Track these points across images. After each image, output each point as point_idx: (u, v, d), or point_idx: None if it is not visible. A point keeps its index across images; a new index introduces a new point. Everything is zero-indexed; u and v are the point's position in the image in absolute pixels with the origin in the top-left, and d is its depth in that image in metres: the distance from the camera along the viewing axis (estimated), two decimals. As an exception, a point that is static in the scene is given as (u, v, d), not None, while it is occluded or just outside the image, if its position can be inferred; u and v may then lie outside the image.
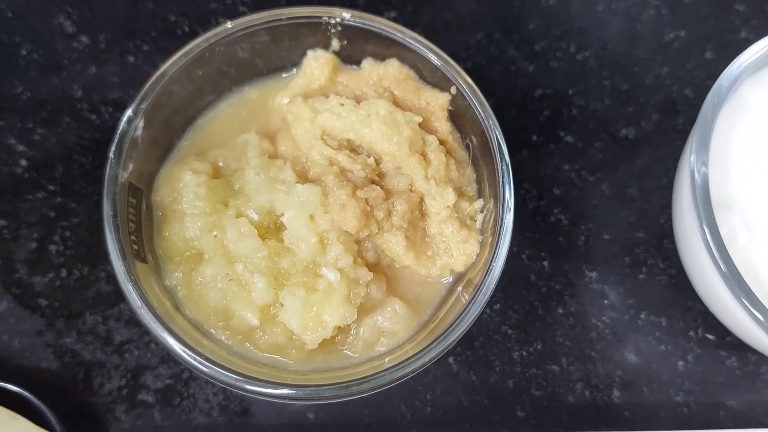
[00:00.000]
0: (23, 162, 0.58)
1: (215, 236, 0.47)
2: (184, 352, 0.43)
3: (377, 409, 0.54)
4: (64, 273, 0.56)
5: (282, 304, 0.45)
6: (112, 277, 0.55)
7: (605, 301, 0.57)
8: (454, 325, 0.45)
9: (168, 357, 0.54)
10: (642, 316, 0.57)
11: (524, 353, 0.56)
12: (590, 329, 0.56)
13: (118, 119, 0.56)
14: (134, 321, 0.55)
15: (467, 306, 0.45)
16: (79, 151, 0.58)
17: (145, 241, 0.47)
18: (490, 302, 0.56)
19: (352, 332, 0.48)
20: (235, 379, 0.42)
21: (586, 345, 0.56)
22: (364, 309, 0.47)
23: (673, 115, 0.62)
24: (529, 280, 0.57)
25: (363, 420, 0.54)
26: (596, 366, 0.56)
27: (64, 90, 0.60)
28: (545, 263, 0.58)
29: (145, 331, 0.55)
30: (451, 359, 0.56)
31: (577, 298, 0.57)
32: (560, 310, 0.57)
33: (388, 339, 0.48)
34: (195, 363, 0.42)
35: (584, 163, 0.61)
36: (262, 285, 0.46)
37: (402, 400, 0.54)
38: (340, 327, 0.47)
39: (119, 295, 0.55)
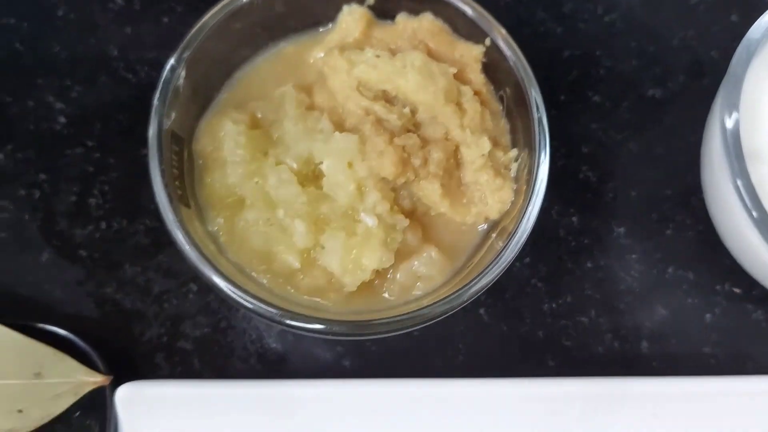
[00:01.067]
0: (62, 119, 0.59)
1: (256, 183, 0.48)
2: (230, 290, 0.44)
3: (410, 357, 0.55)
4: (103, 225, 0.57)
5: (323, 247, 0.47)
6: (150, 230, 0.56)
7: (633, 256, 0.58)
8: (489, 269, 0.46)
9: (206, 306, 0.56)
10: (669, 270, 0.58)
11: (554, 305, 0.57)
12: (619, 282, 0.57)
13: (153, 78, 0.58)
14: (172, 272, 0.56)
15: (501, 252, 0.46)
16: (115, 108, 0.59)
17: (187, 188, 0.49)
18: (520, 256, 0.57)
19: (389, 276, 0.49)
20: (279, 314, 0.43)
21: (614, 298, 0.57)
22: (401, 255, 0.49)
23: (698, 77, 0.63)
24: (558, 235, 0.58)
25: (396, 368, 0.55)
26: (625, 318, 0.57)
27: (100, 50, 0.61)
28: (574, 219, 0.59)
29: (183, 282, 0.56)
30: (482, 310, 0.57)
31: (606, 252, 0.58)
32: (589, 264, 0.58)
33: (424, 283, 0.49)
34: (241, 300, 0.43)
35: (612, 122, 0.61)
36: (302, 229, 0.47)
37: (434, 350, 0.56)
38: (377, 271, 0.48)
39: (158, 247, 0.57)
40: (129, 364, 0.54)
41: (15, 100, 0.59)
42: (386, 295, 0.49)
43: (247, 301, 0.43)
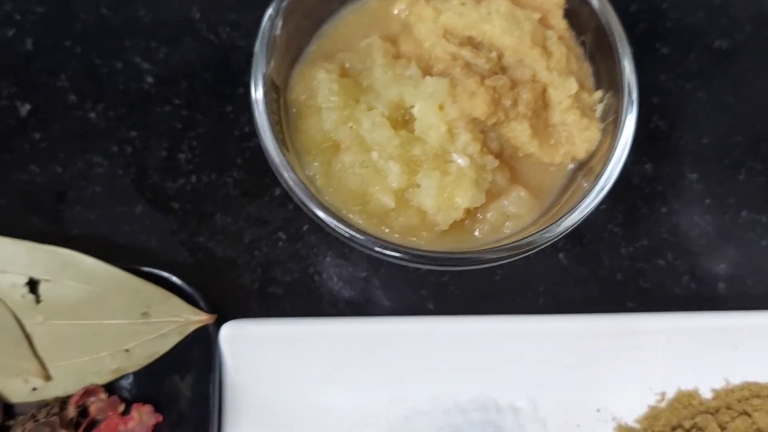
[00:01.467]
0: (149, 79, 0.61)
1: (351, 127, 0.50)
2: (335, 224, 0.46)
3: (491, 301, 0.57)
4: (193, 179, 0.59)
5: (418, 185, 0.49)
6: (238, 182, 0.59)
7: (707, 201, 0.59)
8: (577, 207, 0.48)
9: (295, 254, 0.58)
10: (743, 214, 0.59)
11: (631, 249, 0.58)
12: (693, 227, 0.59)
13: (234, 39, 0.61)
14: (262, 221, 0.59)
15: (588, 191, 0.48)
16: (200, 68, 0.62)
17: (285, 135, 0.51)
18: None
19: (479, 216, 0.51)
20: (378, 243, 0.45)
21: (690, 241, 0.59)
22: (490, 195, 0.50)
23: (765, 27, 0.64)
24: (633, 182, 0.60)
25: (477, 311, 0.57)
26: (700, 260, 0.58)
27: (182, 12, 0.63)
28: (647, 167, 0.60)
29: (273, 230, 0.58)
30: (561, 255, 0.58)
31: (679, 198, 0.59)
32: (663, 210, 0.59)
33: (513, 222, 0.51)
34: (345, 231, 0.46)
35: (680, 73, 0.63)
36: (396, 170, 0.49)
37: (515, 293, 0.57)
38: (468, 210, 0.50)
39: (246, 198, 0.59)
40: (222, 310, 0.56)
41: (104, 62, 0.61)
42: (477, 233, 0.51)
43: (349, 231, 0.45)
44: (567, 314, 0.53)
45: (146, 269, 0.53)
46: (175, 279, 0.53)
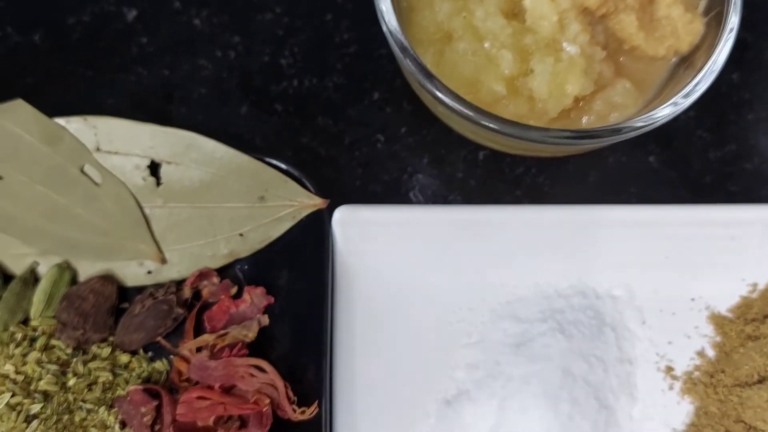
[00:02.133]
0: (250, -12, 0.63)
1: (464, 17, 0.52)
2: (451, 100, 0.48)
3: (585, 201, 0.59)
4: (295, 83, 0.61)
5: (532, 71, 0.51)
6: (339, 87, 0.61)
7: (792, 109, 0.61)
8: (677, 96, 0.50)
9: (393, 155, 0.60)
10: (829, 122, 0.61)
11: (719, 153, 0.60)
12: (781, 133, 0.61)
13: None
14: (362, 123, 0.61)
15: (690, 82, 0.50)
16: (299, -22, 0.64)
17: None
18: (686, 109, 0.61)
19: (586, 105, 0.52)
20: (496, 120, 0.47)
21: (777, 146, 0.60)
22: (597, 85, 0.52)
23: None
24: (720, 90, 0.62)
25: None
26: (787, 165, 0.60)
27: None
28: (734, 76, 0.62)
29: (372, 132, 0.60)
30: (651, 158, 0.60)
31: (766, 105, 0.61)
32: (750, 116, 0.61)
33: (618, 112, 0.52)
34: (465, 111, 0.47)
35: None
36: (509, 58, 0.51)
37: (608, 193, 0.59)
38: (577, 99, 0.51)
39: (347, 102, 0.61)
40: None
41: (207, -29, 0.63)
42: (583, 122, 0.53)
43: (463, 105, 0.47)
44: (664, 204, 0.55)
45: (259, 157, 0.55)
46: (287, 167, 0.55)
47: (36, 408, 0.50)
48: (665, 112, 0.48)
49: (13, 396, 0.50)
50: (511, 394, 0.51)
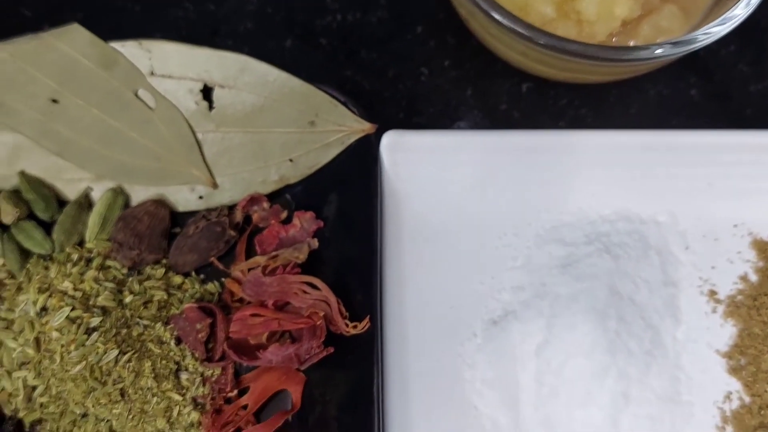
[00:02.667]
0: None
1: (512, -57, 0.53)
2: (505, 19, 0.48)
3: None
4: (339, 17, 0.62)
5: (582, -9, 0.51)
6: (382, 21, 0.62)
7: (832, 44, 0.62)
8: (719, 21, 0.50)
9: (437, 88, 0.61)
10: None
11: (759, 86, 0.61)
12: (820, 66, 0.61)
13: None
14: (405, 57, 0.61)
15: (734, 8, 0.51)
16: None
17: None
18: (725, 43, 0.62)
19: (633, 29, 0.53)
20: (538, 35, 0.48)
21: (817, 80, 0.61)
22: (645, 10, 0.53)
23: None
24: (761, 25, 0.62)
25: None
26: (828, 96, 0.61)
27: None
28: (773, 12, 0.63)
29: (416, 66, 0.61)
30: (693, 91, 0.61)
31: (806, 40, 0.62)
32: (791, 51, 0.62)
33: (664, 37, 0.53)
34: (519, 29, 0.48)
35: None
36: (558, -19, 0.51)
37: (650, 126, 0.60)
38: (624, 22, 0.52)
39: (391, 37, 0.62)
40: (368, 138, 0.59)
41: None
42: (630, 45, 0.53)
43: (517, 24, 0.48)
44: (707, 129, 0.55)
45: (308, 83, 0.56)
46: (335, 93, 0.55)
47: (95, 321, 0.51)
48: (710, 32, 0.49)
49: (72, 310, 0.51)
50: (559, 312, 0.52)
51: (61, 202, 0.56)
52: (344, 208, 0.55)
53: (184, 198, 0.56)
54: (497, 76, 0.61)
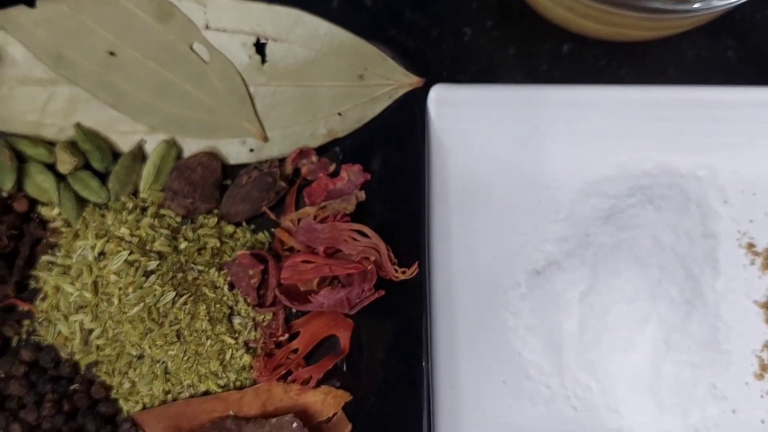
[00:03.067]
0: None
1: None
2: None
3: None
4: (382, -21, 0.64)
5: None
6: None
7: None
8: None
9: (478, 48, 0.62)
10: None
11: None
12: None
13: None
14: (449, 16, 0.63)
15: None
16: None
17: None
18: (761, 7, 0.63)
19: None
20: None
21: None
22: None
23: None
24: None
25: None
26: None
27: None
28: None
29: (458, 26, 0.62)
30: (730, 53, 0.62)
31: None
32: (826, 15, 0.63)
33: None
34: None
35: None
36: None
37: (692, 83, 0.61)
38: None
39: (434, -3, 0.63)
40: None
41: None
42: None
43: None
44: (744, 85, 0.57)
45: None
46: (384, 48, 0.57)
47: (152, 265, 0.53)
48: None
49: (130, 254, 0.53)
50: (602, 260, 0.54)
51: (115, 154, 0.58)
52: (391, 160, 0.57)
53: (235, 151, 0.58)
54: (538, 36, 0.62)
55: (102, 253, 0.54)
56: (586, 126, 0.57)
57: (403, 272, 0.53)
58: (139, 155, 0.57)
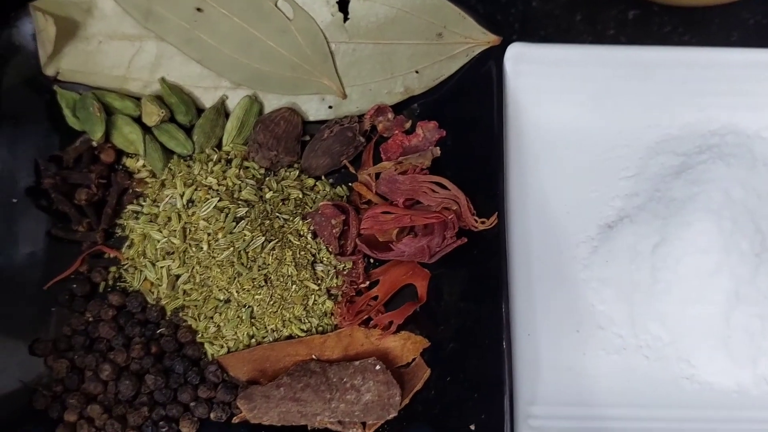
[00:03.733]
0: None
1: None
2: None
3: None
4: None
5: None
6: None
7: None
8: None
9: (548, 12, 0.64)
10: None
11: None
12: None
13: None
14: None
15: None
16: None
17: None
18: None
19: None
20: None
21: None
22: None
23: None
24: None
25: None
26: None
27: None
28: None
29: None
30: None
31: None
32: None
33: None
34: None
35: None
36: None
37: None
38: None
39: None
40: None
41: None
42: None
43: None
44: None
45: None
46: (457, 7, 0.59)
47: (241, 211, 0.55)
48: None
49: (220, 201, 0.55)
50: (675, 213, 0.55)
51: (197, 109, 0.60)
52: (466, 117, 0.59)
53: (314, 107, 0.60)
54: (604, 3, 0.64)
55: (191, 201, 0.56)
56: (654, 87, 0.59)
57: (483, 222, 0.54)
58: (221, 110, 0.59)
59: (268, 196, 0.56)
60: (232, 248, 0.54)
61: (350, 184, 0.59)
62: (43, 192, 0.58)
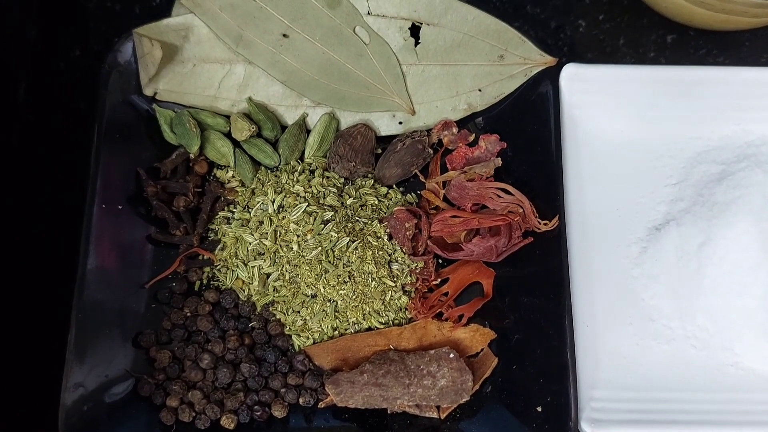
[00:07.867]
0: None
1: None
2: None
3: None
4: (506, -22, 0.72)
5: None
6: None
7: None
8: None
9: (593, 37, 0.70)
10: None
11: None
12: None
13: None
14: (566, 10, 0.71)
15: None
16: None
17: None
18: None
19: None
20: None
21: None
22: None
23: None
24: None
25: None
26: None
27: None
28: None
29: (575, 19, 0.71)
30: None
31: None
32: None
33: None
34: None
35: None
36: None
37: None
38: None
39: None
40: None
41: None
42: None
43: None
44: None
45: (497, 26, 0.65)
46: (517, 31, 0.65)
47: (328, 215, 0.61)
48: None
49: (308, 205, 0.61)
50: (718, 215, 0.61)
51: (281, 126, 0.66)
52: (525, 131, 0.65)
53: (386, 123, 0.66)
54: (644, 28, 0.71)
55: (281, 206, 0.62)
56: (693, 103, 0.65)
57: (545, 224, 0.60)
58: (303, 126, 0.66)
59: (348, 202, 0.62)
60: (320, 248, 0.60)
61: (418, 191, 0.65)
62: (143, 199, 0.64)
